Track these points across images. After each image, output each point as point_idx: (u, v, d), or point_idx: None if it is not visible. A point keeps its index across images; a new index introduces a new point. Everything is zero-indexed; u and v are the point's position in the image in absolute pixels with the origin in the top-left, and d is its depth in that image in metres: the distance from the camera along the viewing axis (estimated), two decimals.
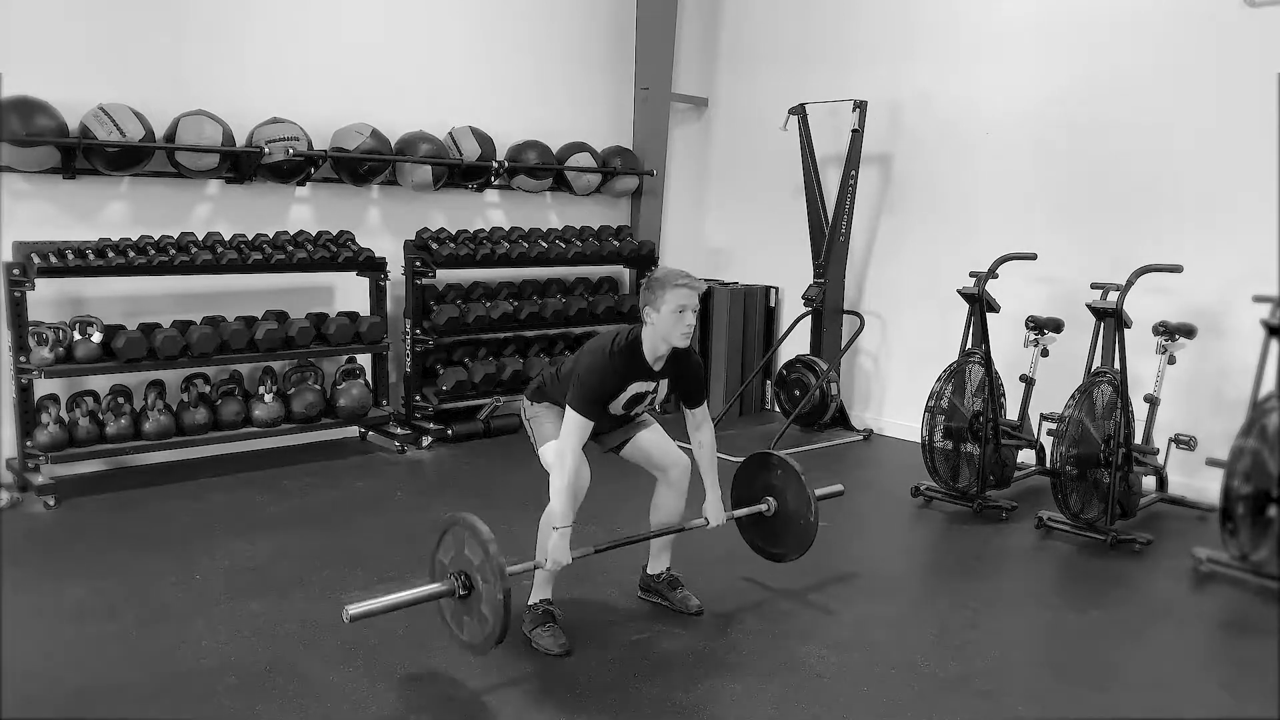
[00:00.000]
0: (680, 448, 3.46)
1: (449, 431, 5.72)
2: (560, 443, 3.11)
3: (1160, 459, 4.68)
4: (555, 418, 3.25)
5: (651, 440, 3.40)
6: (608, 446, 3.45)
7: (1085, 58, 5.28)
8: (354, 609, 2.75)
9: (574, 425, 3.09)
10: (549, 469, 3.18)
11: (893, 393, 6.32)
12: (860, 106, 6.00)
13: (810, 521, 3.55)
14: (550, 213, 6.66)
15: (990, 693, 3.00)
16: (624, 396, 3.20)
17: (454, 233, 5.94)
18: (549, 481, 3.15)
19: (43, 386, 4.68)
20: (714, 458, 3.42)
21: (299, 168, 5.25)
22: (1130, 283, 4.35)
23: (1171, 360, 4.61)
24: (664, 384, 3.28)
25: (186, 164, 4.92)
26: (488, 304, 5.91)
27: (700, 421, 3.39)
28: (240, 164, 5.10)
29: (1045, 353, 4.94)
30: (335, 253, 5.33)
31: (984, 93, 5.72)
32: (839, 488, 3.88)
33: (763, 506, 3.64)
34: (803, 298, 6.23)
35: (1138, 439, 4.52)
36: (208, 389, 5.14)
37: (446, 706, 2.84)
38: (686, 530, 3.46)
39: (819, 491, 3.61)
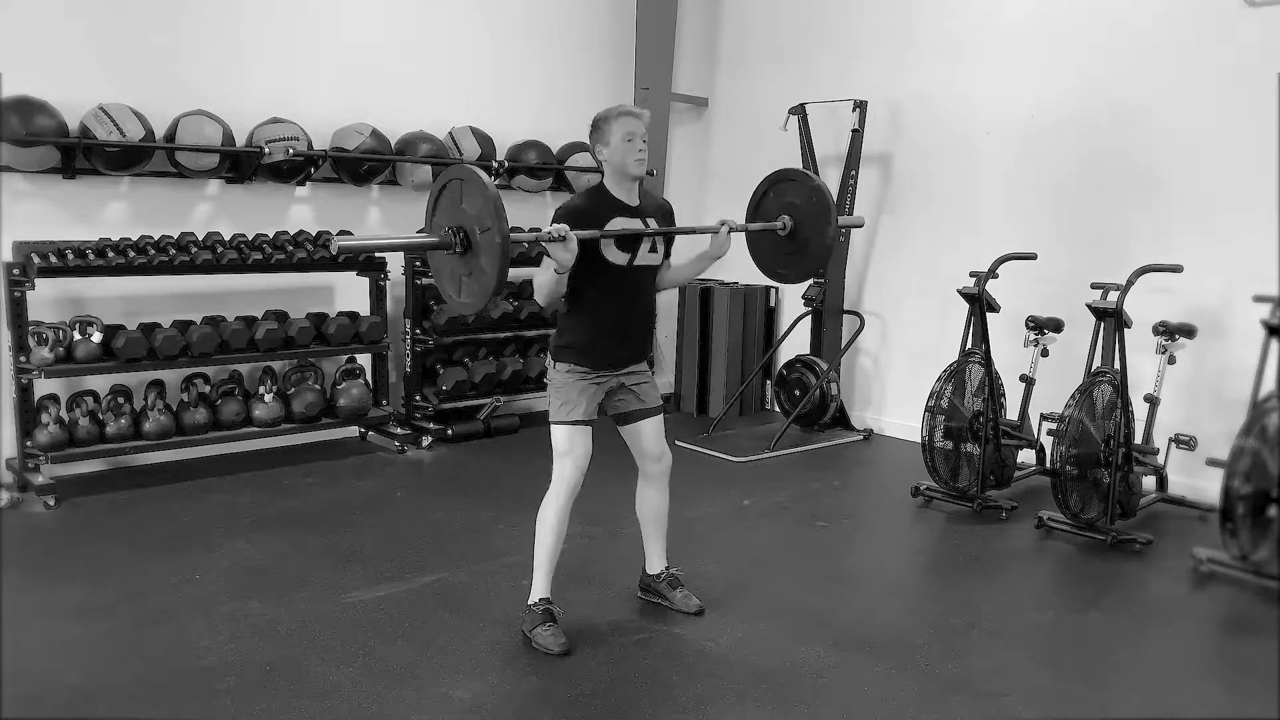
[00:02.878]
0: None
1: (449, 431, 5.72)
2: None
3: (1160, 459, 4.68)
4: (565, 392, 3.21)
5: (651, 428, 3.38)
6: (616, 403, 3.33)
7: (1085, 58, 5.28)
8: (341, 242, 2.73)
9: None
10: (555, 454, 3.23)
11: (893, 393, 6.32)
12: (860, 106, 6.00)
13: (828, 242, 3.47)
14: (550, 212, 6.63)
15: (990, 693, 3.00)
16: (612, 230, 3.11)
17: None
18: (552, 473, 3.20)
19: (43, 386, 4.68)
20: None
21: (299, 168, 5.25)
22: (1130, 283, 4.35)
23: (1171, 360, 4.61)
24: (653, 224, 3.21)
25: (186, 164, 4.92)
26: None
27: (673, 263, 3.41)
28: (240, 164, 5.10)
29: (1045, 353, 4.94)
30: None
31: (984, 93, 5.72)
32: (861, 219, 3.79)
33: (778, 224, 3.56)
34: (803, 298, 6.23)
35: (1138, 439, 4.52)
36: (208, 389, 5.14)
37: (446, 706, 2.84)
38: (698, 232, 3.41)
39: (841, 221, 3.55)
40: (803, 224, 3.55)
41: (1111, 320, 4.39)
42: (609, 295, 3.19)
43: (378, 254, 5.54)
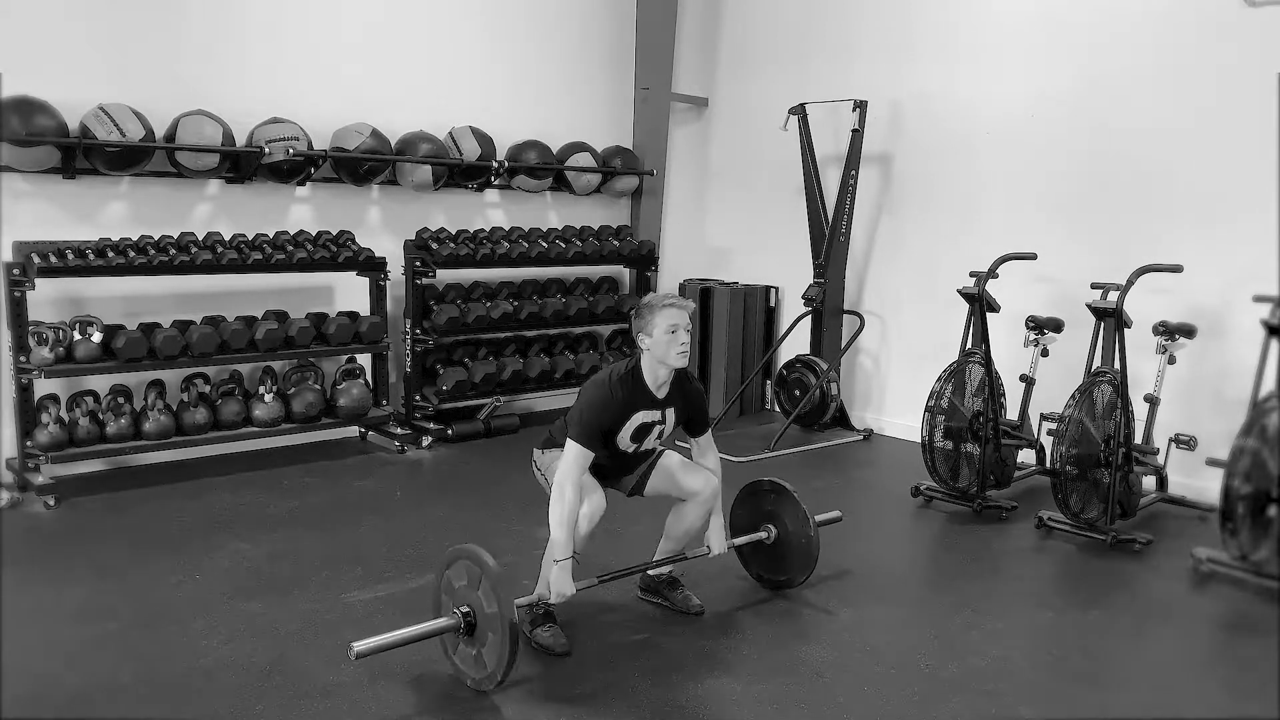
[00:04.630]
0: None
1: (449, 431, 5.72)
2: (559, 474, 3.08)
3: (1160, 459, 4.68)
4: (551, 457, 3.26)
5: (672, 464, 3.37)
6: (628, 489, 3.41)
7: (1085, 58, 5.28)
8: (359, 646, 2.73)
9: (573, 455, 3.08)
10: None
11: (893, 393, 6.32)
12: (860, 106, 6.00)
13: (811, 541, 3.57)
14: (550, 213, 6.66)
15: (990, 693, 3.00)
16: (629, 427, 3.18)
17: (454, 233, 5.94)
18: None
19: (43, 386, 4.68)
20: (719, 492, 3.42)
21: (299, 168, 5.25)
22: (1130, 283, 4.35)
23: (1171, 360, 4.62)
24: (670, 415, 3.26)
25: (186, 164, 4.92)
26: (488, 304, 5.91)
27: (705, 448, 3.42)
28: (240, 164, 5.10)
29: (1045, 353, 4.94)
30: (335, 253, 5.33)
31: (984, 93, 5.72)
32: (837, 514, 3.90)
33: (763, 534, 3.64)
34: (803, 298, 6.23)
35: (1138, 439, 4.52)
36: (208, 389, 5.14)
37: (446, 706, 2.84)
38: (689, 559, 3.46)
39: (819, 518, 3.64)
40: (784, 540, 3.64)
41: (1111, 320, 4.39)
42: (609, 461, 3.25)
43: (377, 255, 5.55)
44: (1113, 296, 4.40)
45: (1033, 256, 4.86)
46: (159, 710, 2.79)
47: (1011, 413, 5.01)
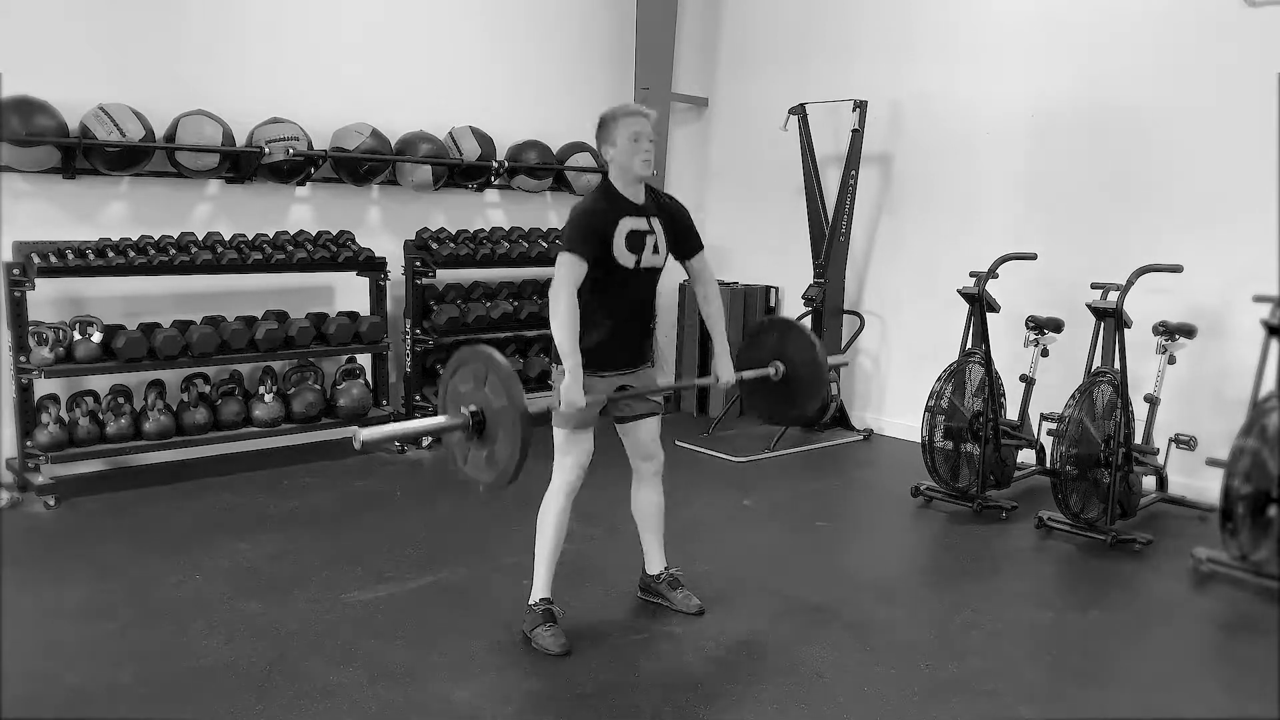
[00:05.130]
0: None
1: None
2: (554, 285, 3.06)
3: (1160, 459, 4.68)
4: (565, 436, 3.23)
5: (648, 431, 3.38)
6: (622, 412, 3.33)
7: (1085, 58, 5.28)
8: (365, 434, 2.67)
9: (566, 264, 3.04)
10: (555, 447, 3.23)
11: (893, 393, 6.32)
12: (860, 106, 6.00)
13: (820, 369, 3.49)
14: (550, 212, 6.66)
15: (990, 693, 3.00)
16: (620, 234, 3.12)
17: (454, 233, 5.94)
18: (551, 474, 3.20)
19: (43, 386, 4.68)
20: (722, 313, 3.40)
21: (299, 168, 5.25)
22: (1130, 283, 4.35)
23: (1171, 360, 4.61)
24: (656, 224, 3.22)
25: (186, 164, 4.92)
26: (488, 304, 5.91)
27: (700, 271, 3.37)
28: (240, 164, 5.10)
29: (1045, 353, 4.94)
30: (335, 253, 5.33)
31: (984, 93, 5.72)
32: (844, 359, 3.86)
33: (770, 370, 3.58)
34: (803, 298, 6.22)
35: (1138, 439, 4.52)
36: (208, 389, 5.14)
37: (446, 706, 2.84)
38: (695, 386, 3.46)
39: (830, 360, 3.59)
40: (794, 375, 3.58)
41: (1111, 320, 4.39)
42: (614, 297, 3.18)
43: (377, 255, 5.55)
44: (1113, 296, 4.40)
45: (1033, 256, 4.86)
46: (159, 710, 2.79)
47: (1011, 413, 5.01)
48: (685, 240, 3.33)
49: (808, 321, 6.30)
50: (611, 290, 3.15)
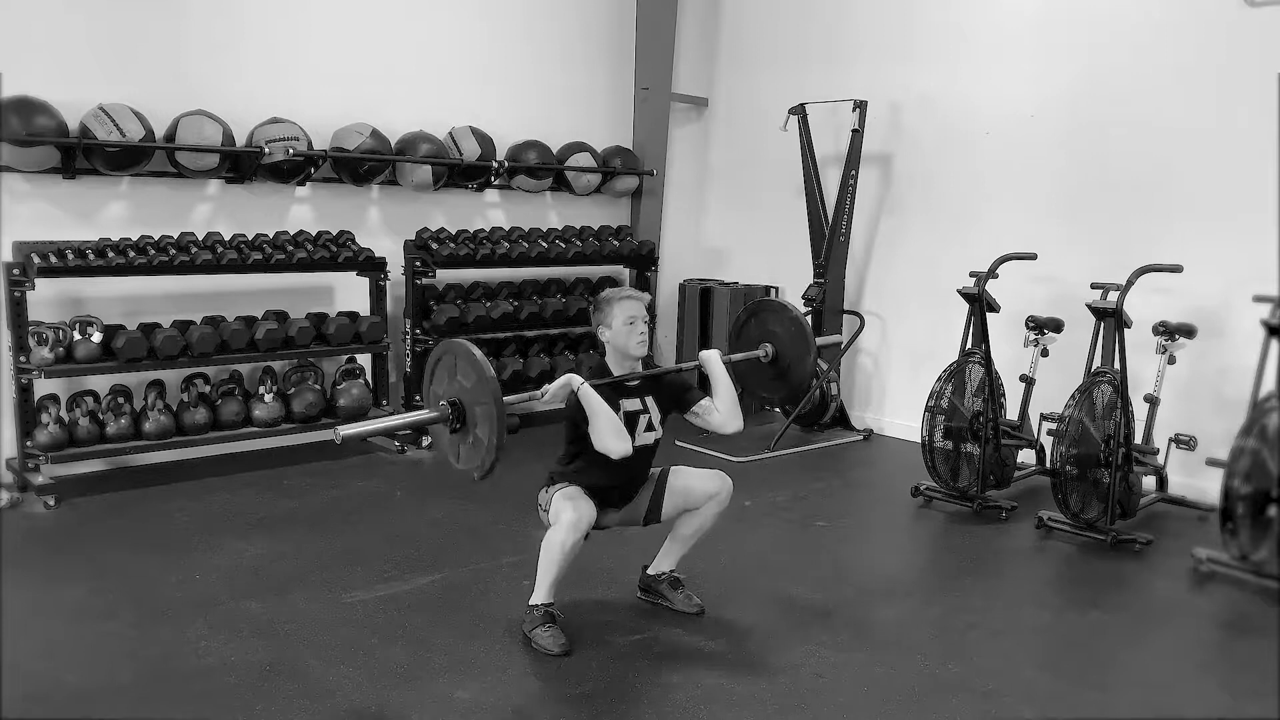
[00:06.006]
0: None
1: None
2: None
3: (1160, 459, 4.68)
4: (564, 493, 3.23)
5: (682, 478, 3.38)
6: (643, 515, 3.37)
7: (1085, 58, 5.28)
8: (344, 430, 2.76)
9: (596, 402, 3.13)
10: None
11: (893, 393, 6.32)
12: (860, 106, 6.00)
13: (809, 351, 3.58)
14: (550, 213, 6.66)
15: (990, 693, 3.00)
16: (619, 415, 3.20)
17: (454, 233, 5.94)
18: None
19: (43, 386, 4.68)
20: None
21: (299, 168, 5.25)
22: (1130, 283, 4.35)
23: (1171, 360, 4.61)
24: (651, 403, 3.31)
25: (186, 164, 4.92)
26: (488, 304, 5.91)
27: (707, 410, 3.37)
28: (240, 164, 5.10)
29: (1045, 353, 4.94)
30: (335, 253, 5.33)
31: (984, 93, 5.72)
32: (838, 338, 3.94)
33: (760, 352, 3.65)
34: (803, 298, 6.22)
35: (1138, 439, 4.52)
36: (208, 389, 5.14)
37: (446, 706, 2.84)
38: (684, 370, 3.54)
39: (819, 341, 3.68)
40: (784, 350, 3.66)
41: (1111, 320, 4.39)
42: (609, 469, 3.22)
43: (377, 255, 5.55)
44: (1113, 296, 4.40)
45: (1033, 256, 4.86)
46: (159, 710, 2.79)
47: (1011, 413, 5.01)
48: (687, 396, 3.38)
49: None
50: (604, 465, 3.20)
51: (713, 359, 3.44)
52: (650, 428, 3.32)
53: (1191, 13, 4.87)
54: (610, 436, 3.08)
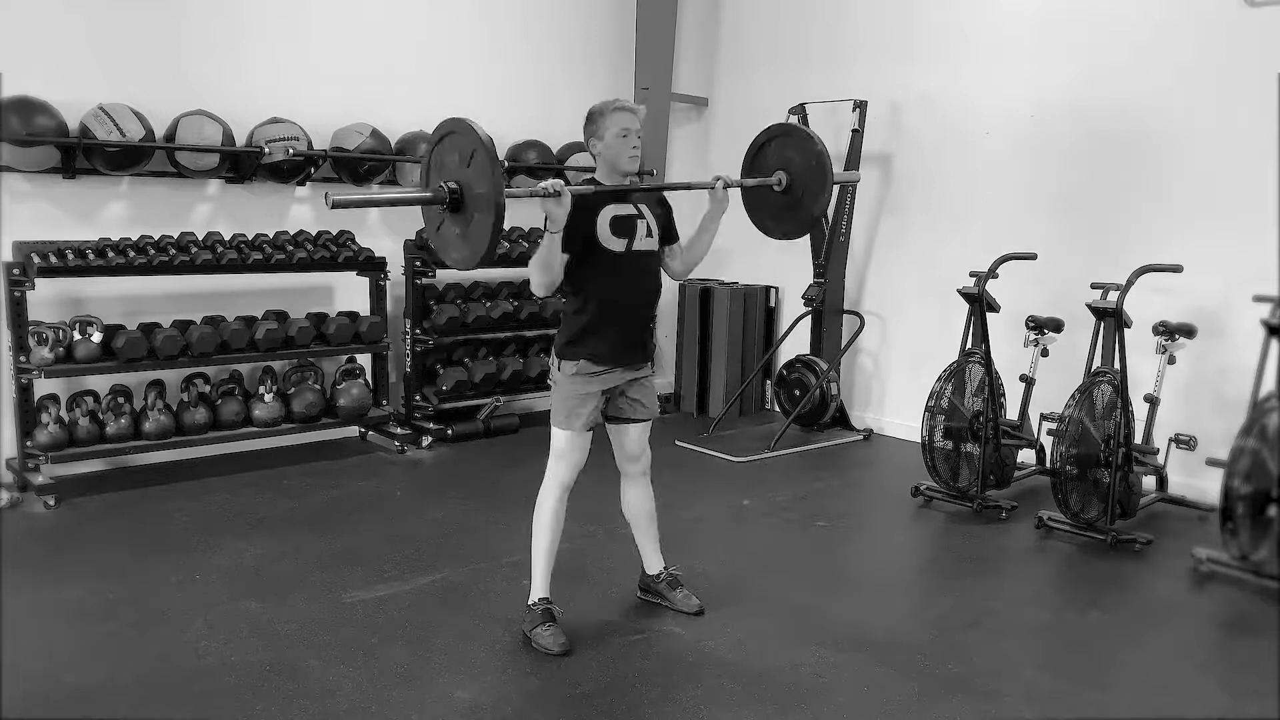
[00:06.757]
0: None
1: (449, 431, 5.72)
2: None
3: (1160, 459, 4.67)
4: (569, 400, 3.20)
5: (636, 431, 3.37)
6: (617, 413, 3.31)
7: (1085, 58, 5.28)
8: (336, 196, 2.75)
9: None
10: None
11: (893, 393, 6.32)
12: (860, 106, 6.00)
13: (826, 174, 3.46)
14: None
15: (990, 693, 3.00)
16: (604, 220, 3.11)
17: None
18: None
19: (43, 386, 4.68)
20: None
21: (299, 168, 5.25)
22: (1130, 283, 4.35)
23: (1171, 360, 4.61)
24: (646, 210, 3.24)
25: (186, 164, 4.92)
26: (488, 304, 5.91)
27: (674, 252, 3.43)
28: (240, 164, 5.10)
29: (1045, 353, 4.94)
30: (335, 253, 5.33)
31: (984, 93, 5.71)
32: (857, 175, 3.80)
33: (774, 180, 3.54)
34: (803, 298, 6.23)
35: (1138, 439, 4.52)
36: (208, 389, 5.14)
37: (446, 706, 2.84)
38: (694, 189, 3.50)
39: (837, 176, 3.53)
40: (798, 180, 3.52)
41: (1111, 320, 4.39)
42: (610, 285, 3.16)
43: (377, 255, 5.55)
44: (1113, 296, 4.40)
45: (1033, 256, 4.86)
46: (159, 710, 2.79)
47: (1011, 413, 5.01)
48: (666, 231, 3.39)
49: (807, 322, 6.32)
50: (606, 278, 3.14)
51: (714, 217, 3.44)
52: (650, 234, 3.23)
53: (1191, 13, 4.87)
54: (535, 270, 2.99)
